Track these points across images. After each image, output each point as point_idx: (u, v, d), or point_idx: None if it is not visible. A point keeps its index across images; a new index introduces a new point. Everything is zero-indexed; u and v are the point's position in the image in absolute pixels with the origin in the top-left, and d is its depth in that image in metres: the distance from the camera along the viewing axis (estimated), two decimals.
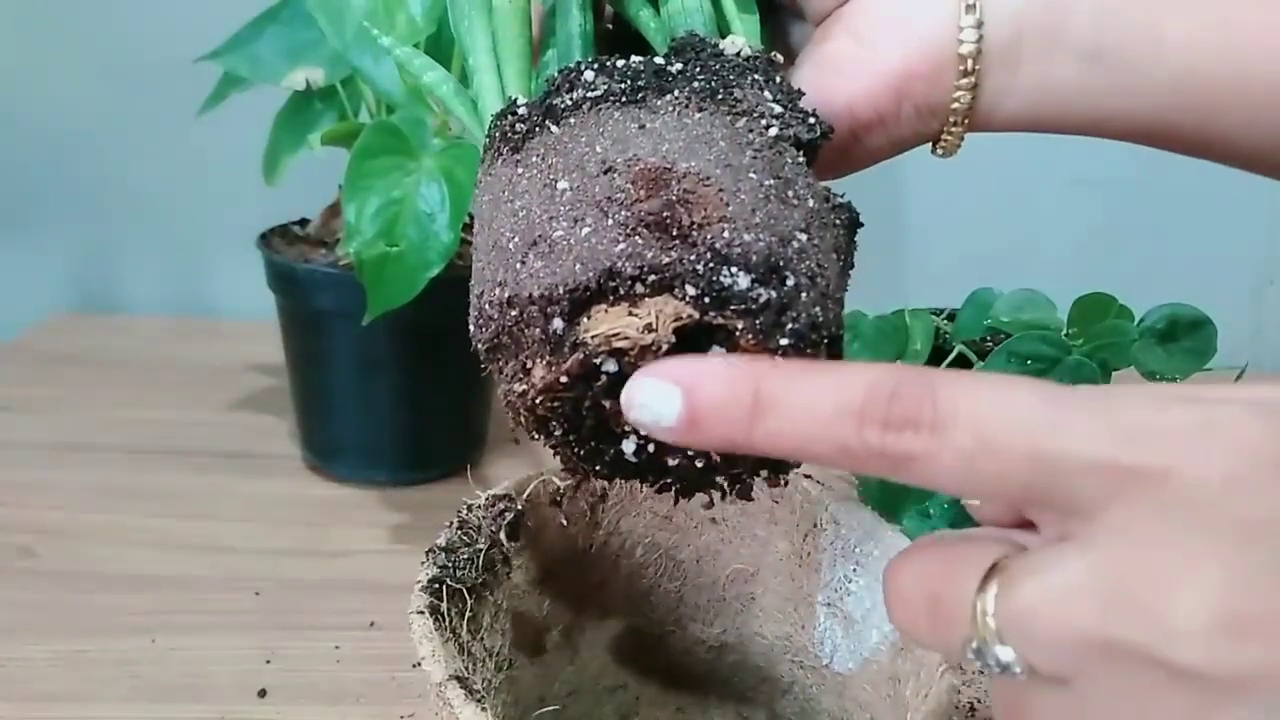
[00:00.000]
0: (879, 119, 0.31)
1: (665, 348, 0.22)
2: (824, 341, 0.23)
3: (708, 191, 0.23)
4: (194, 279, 0.98)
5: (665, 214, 0.22)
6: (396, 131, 0.54)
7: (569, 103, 0.26)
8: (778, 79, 0.28)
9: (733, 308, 0.22)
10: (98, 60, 0.90)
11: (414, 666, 0.47)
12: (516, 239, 0.24)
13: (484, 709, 0.29)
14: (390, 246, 0.54)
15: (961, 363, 0.65)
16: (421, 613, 0.33)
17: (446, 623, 0.34)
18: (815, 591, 0.40)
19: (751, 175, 0.24)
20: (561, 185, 0.24)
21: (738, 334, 0.22)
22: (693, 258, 0.22)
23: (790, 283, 0.22)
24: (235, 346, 0.86)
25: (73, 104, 0.92)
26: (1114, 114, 0.32)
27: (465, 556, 0.37)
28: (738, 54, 0.28)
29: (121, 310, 0.97)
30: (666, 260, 0.22)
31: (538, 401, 0.24)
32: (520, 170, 0.26)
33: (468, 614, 0.35)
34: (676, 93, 0.26)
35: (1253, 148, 0.32)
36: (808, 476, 0.41)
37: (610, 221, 0.23)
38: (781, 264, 0.22)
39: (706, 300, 0.22)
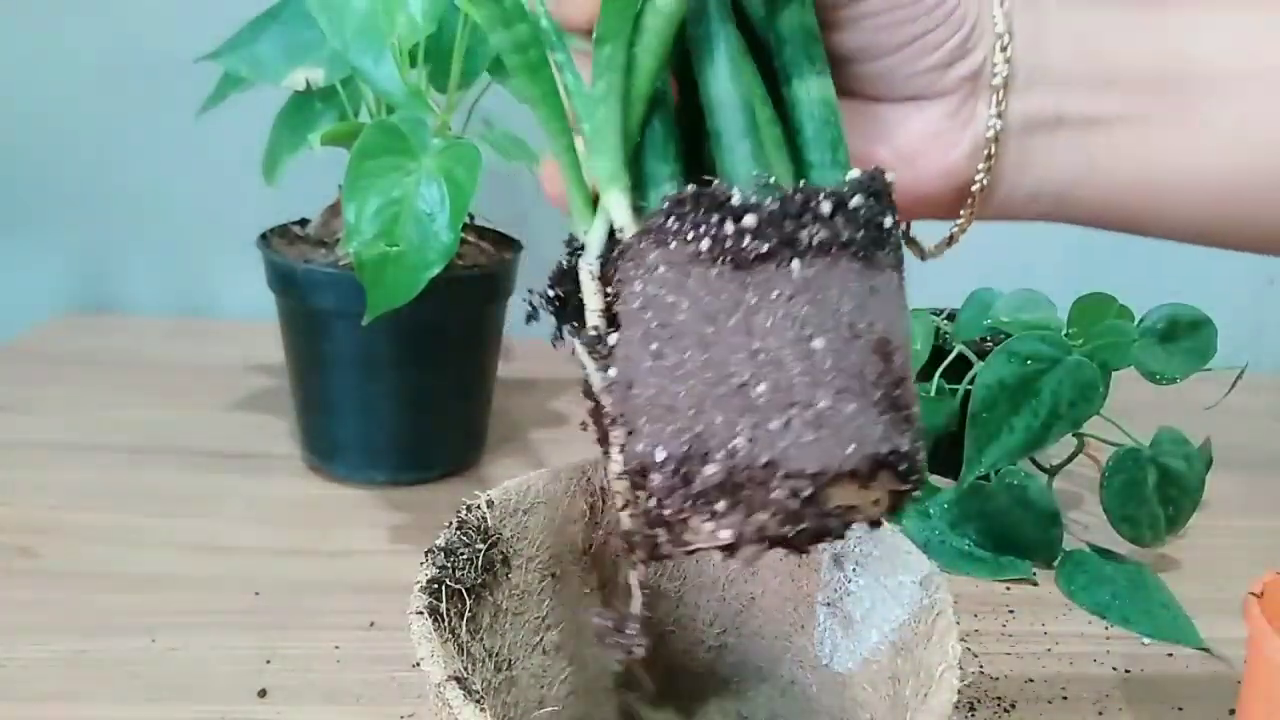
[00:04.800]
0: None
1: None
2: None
3: (907, 365, 0.24)
4: (194, 279, 0.98)
5: (897, 393, 0.24)
6: (396, 131, 0.54)
7: (812, 241, 0.24)
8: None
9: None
10: (98, 60, 0.90)
11: (414, 666, 0.47)
12: (766, 389, 0.23)
13: (483, 709, 0.29)
14: (390, 246, 0.54)
15: (961, 363, 0.65)
16: (421, 613, 0.33)
17: (446, 623, 0.34)
18: (815, 591, 0.40)
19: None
20: (817, 344, 0.23)
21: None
22: (917, 444, 0.24)
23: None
24: (235, 346, 0.86)
25: (73, 104, 0.92)
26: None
27: (465, 557, 0.37)
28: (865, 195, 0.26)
29: (121, 310, 0.97)
30: (907, 449, 0.23)
31: (728, 546, 0.24)
32: (753, 298, 0.24)
33: (467, 614, 0.35)
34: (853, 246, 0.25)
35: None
36: None
37: (868, 401, 0.23)
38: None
39: (908, 476, 0.24)
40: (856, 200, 0.25)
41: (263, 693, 0.46)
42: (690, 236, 0.25)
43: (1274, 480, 0.73)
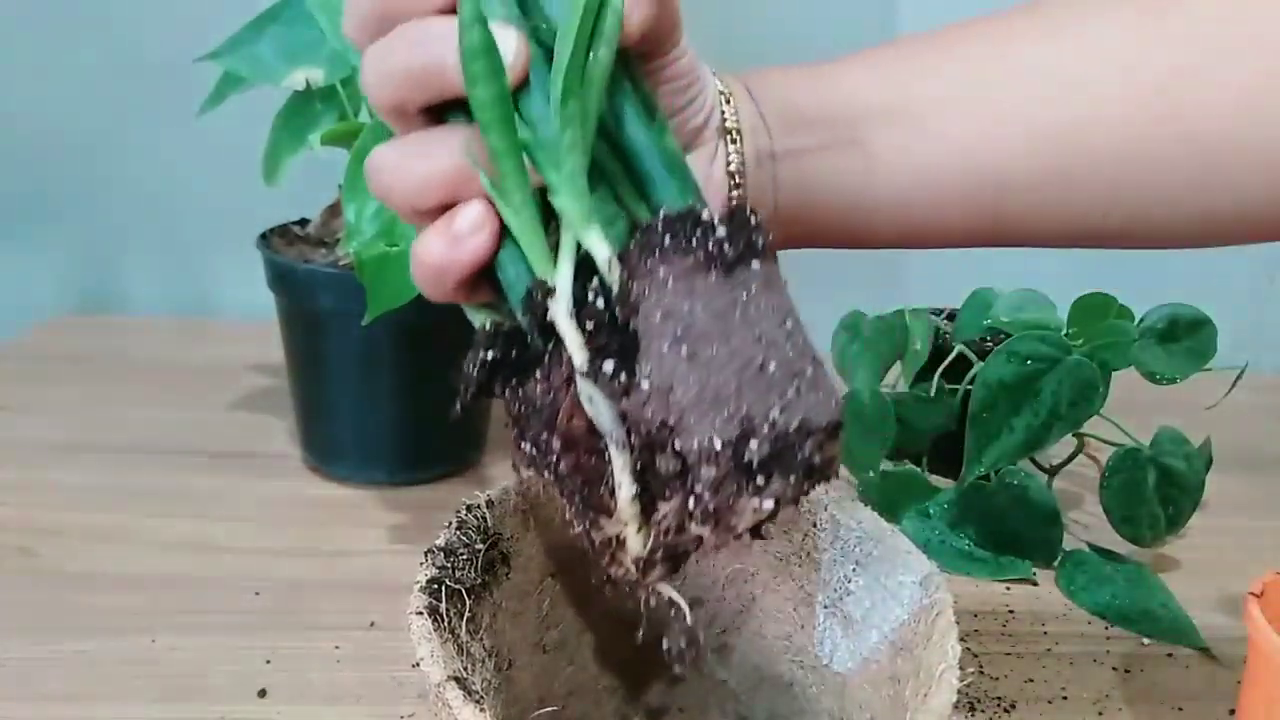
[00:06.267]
0: None
1: None
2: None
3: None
4: (194, 279, 0.98)
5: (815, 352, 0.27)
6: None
7: (758, 244, 0.29)
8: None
9: None
10: (98, 60, 0.91)
11: (414, 666, 0.47)
12: (775, 366, 0.26)
13: (483, 709, 0.29)
14: (390, 246, 0.53)
15: (961, 363, 0.65)
16: (420, 613, 0.33)
17: (445, 623, 0.34)
18: (815, 591, 0.40)
19: None
20: (789, 324, 0.27)
21: None
22: None
23: None
24: (235, 346, 0.86)
25: (73, 104, 0.92)
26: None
27: (464, 557, 0.37)
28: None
29: (121, 310, 0.98)
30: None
31: (768, 516, 0.26)
32: (742, 294, 0.28)
33: (467, 614, 0.35)
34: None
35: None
36: None
37: (820, 362, 0.27)
38: None
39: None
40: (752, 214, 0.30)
41: (263, 693, 0.46)
42: (687, 250, 0.28)
43: (1274, 480, 0.73)
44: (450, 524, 0.38)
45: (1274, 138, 0.36)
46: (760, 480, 0.25)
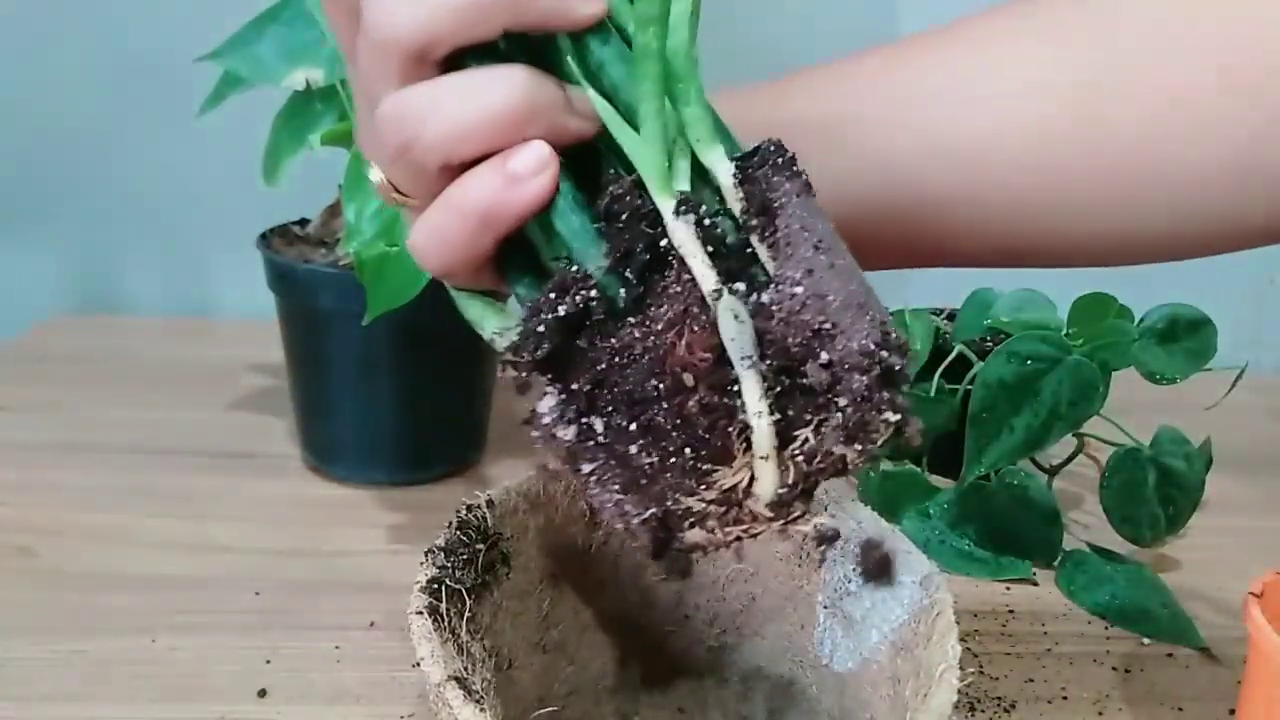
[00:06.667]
0: None
1: None
2: None
3: None
4: (194, 279, 0.98)
5: None
6: None
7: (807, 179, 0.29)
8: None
9: None
10: (98, 60, 0.90)
11: (414, 666, 0.47)
12: (862, 291, 0.27)
13: (483, 709, 0.29)
14: (390, 246, 0.53)
15: (961, 363, 0.65)
16: (421, 613, 0.33)
17: (446, 623, 0.34)
18: (815, 591, 0.40)
19: None
20: (849, 259, 0.28)
21: None
22: None
23: None
24: (235, 346, 0.86)
25: (73, 104, 0.92)
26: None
27: (465, 557, 0.37)
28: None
29: (121, 310, 0.97)
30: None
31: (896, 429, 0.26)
32: (828, 220, 0.28)
33: (467, 614, 0.35)
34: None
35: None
36: None
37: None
38: None
39: None
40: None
41: (263, 693, 0.46)
42: (797, 173, 0.28)
43: (1274, 480, 0.73)
44: (450, 524, 0.38)
45: (1176, 157, 0.36)
46: (888, 393, 0.25)
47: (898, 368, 0.25)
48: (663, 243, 0.28)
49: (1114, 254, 0.40)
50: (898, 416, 0.26)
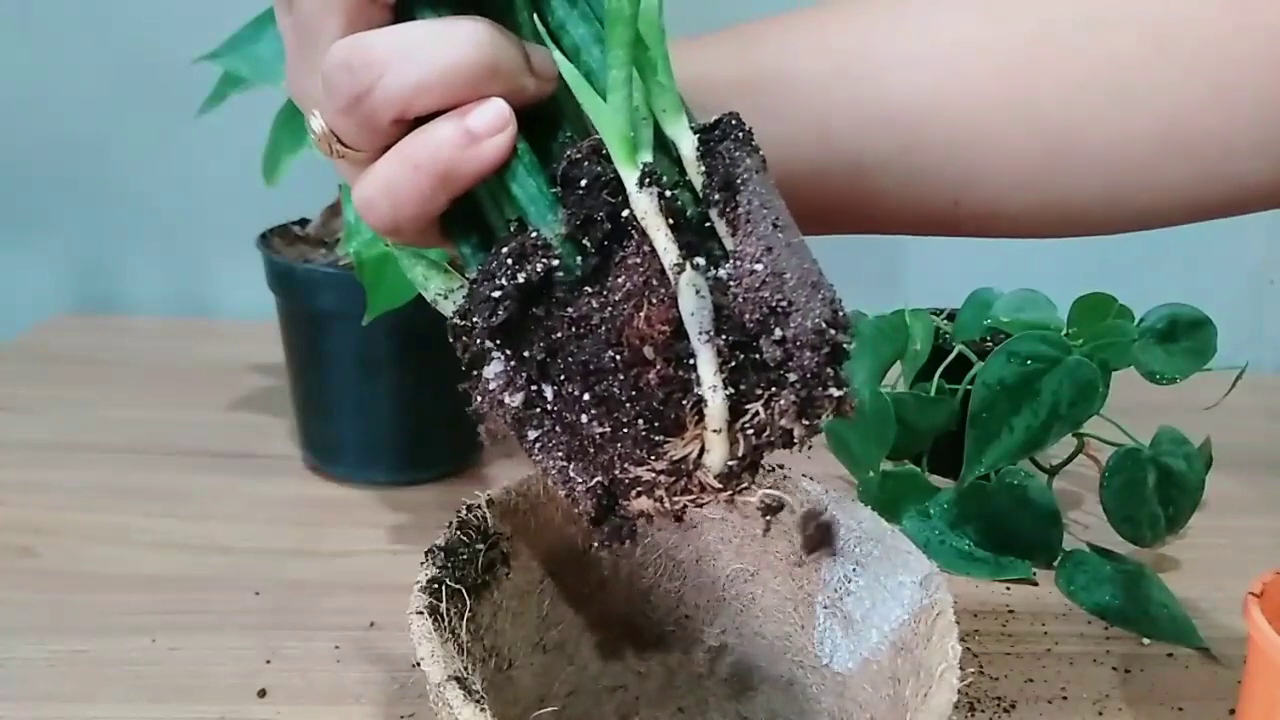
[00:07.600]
0: None
1: None
2: None
3: None
4: (194, 279, 0.98)
5: None
6: None
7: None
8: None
9: None
10: (98, 61, 0.91)
11: (414, 666, 0.47)
12: (815, 269, 0.27)
13: (483, 709, 0.29)
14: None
15: (961, 363, 0.65)
16: (421, 613, 0.33)
17: (446, 623, 0.34)
18: (815, 591, 0.40)
19: None
20: (801, 237, 0.28)
21: None
22: None
23: None
24: (235, 346, 0.86)
25: (73, 104, 0.92)
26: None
27: (465, 557, 0.37)
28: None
29: (121, 310, 0.97)
30: None
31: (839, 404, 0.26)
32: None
33: (467, 614, 0.35)
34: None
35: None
36: (807, 477, 0.42)
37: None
38: None
39: None
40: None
41: (263, 693, 0.46)
42: (755, 148, 0.28)
43: (1274, 480, 0.73)
44: (450, 524, 0.38)
45: (1103, 125, 0.36)
46: (833, 369, 0.26)
47: (845, 345, 0.26)
48: (624, 213, 0.27)
49: (1051, 225, 0.40)
50: (841, 392, 0.26)
